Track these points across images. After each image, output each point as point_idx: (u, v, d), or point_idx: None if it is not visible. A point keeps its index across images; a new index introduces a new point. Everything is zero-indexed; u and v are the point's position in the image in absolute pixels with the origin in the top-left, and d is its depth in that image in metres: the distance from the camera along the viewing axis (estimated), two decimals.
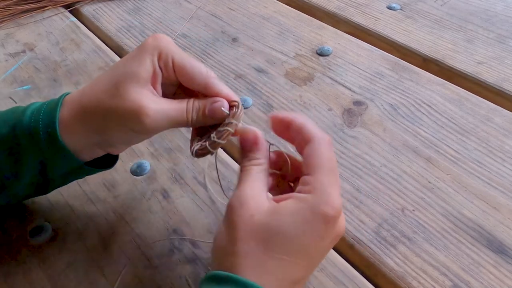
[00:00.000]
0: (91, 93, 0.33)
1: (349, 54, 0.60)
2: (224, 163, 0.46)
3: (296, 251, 0.28)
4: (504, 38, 0.61)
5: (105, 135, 0.34)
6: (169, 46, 0.33)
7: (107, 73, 0.34)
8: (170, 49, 0.33)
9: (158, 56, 0.33)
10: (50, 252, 0.39)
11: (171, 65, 0.33)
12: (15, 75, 0.58)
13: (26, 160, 0.34)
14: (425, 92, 0.53)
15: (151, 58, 0.32)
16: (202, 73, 0.33)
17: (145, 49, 0.33)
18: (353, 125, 0.50)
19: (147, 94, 0.32)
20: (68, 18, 0.69)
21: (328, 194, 0.28)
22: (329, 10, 0.69)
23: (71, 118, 0.33)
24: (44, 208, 0.41)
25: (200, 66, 0.33)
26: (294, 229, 0.28)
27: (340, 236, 0.30)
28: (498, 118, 0.50)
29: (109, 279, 0.37)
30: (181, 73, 0.33)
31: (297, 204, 0.28)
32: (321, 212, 0.28)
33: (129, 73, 0.32)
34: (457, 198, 0.42)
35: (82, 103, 0.33)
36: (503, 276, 0.36)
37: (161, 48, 0.33)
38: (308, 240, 0.28)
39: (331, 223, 0.28)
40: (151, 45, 0.33)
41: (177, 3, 0.72)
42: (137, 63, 0.32)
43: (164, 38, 0.33)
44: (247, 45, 0.62)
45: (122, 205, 0.42)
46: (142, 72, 0.32)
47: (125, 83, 0.32)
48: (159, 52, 0.33)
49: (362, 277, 0.37)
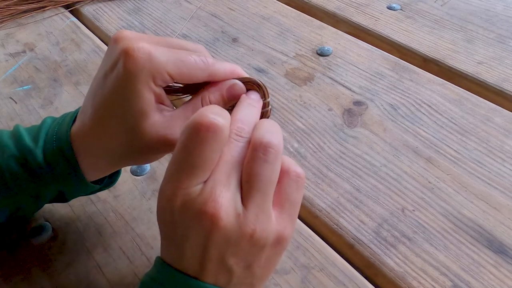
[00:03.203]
0: (100, 133, 0.31)
1: (349, 54, 0.60)
2: None
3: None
4: (504, 38, 0.61)
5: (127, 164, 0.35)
6: (157, 60, 0.29)
7: (106, 109, 0.31)
8: (160, 64, 0.29)
9: (153, 81, 0.29)
10: (50, 252, 0.39)
11: (169, 78, 0.30)
12: (15, 75, 0.58)
13: (45, 195, 0.34)
14: (425, 92, 0.53)
15: (147, 87, 0.29)
16: (201, 68, 0.31)
17: (136, 80, 0.29)
18: (353, 125, 0.50)
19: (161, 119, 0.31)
20: (68, 18, 0.69)
21: None
22: (329, 10, 0.69)
23: (84, 156, 0.32)
24: (44, 208, 0.41)
25: (196, 62, 0.31)
26: None
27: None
28: (498, 118, 0.50)
29: (109, 279, 0.37)
30: (181, 79, 0.31)
31: None
32: None
33: (134, 113, 0.30)
34: (457, 198, 0.42)
35: (93, 146, 0.32)
36: (503, 276, 0.36)
37: (151, 71, 0.29)
38: None
39: None
40: (139, 73, 0.29)
41: (177, 3, 0.72)
42: (137, 100, 0.29)
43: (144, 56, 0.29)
44: (247, 45, 0.62)
45: (122, 205, 0.42)
46: (146, 106, 0.30)
47: (137, 122, 0.30)
48: (152, 77, 0.29)
49: (362, 277, 0.37)
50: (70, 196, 0.36)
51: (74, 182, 0.33)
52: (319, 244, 0.39)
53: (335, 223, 0.41)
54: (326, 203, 0.42)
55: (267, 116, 0.33)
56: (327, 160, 0.46)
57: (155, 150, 0.32)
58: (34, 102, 0.54)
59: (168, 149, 0.32)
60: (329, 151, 0.47)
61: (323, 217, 0.41)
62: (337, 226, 0.40)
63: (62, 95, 0.55)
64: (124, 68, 0.29)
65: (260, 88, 0.32)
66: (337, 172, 0.45)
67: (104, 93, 0.30)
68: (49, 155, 0.32)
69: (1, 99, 0.54)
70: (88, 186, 0.34)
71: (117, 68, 0.29)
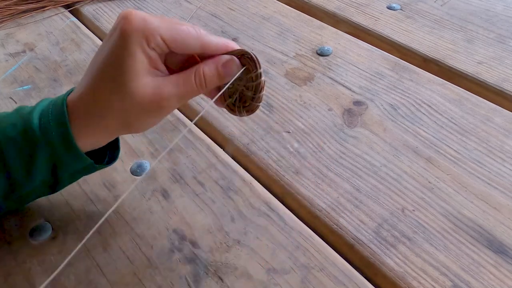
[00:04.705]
0: (93, 97, 0.33)
1: (349, 54, 0.60)
2: (224, 163, 0.46)
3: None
4: (504, 38, 0.61)
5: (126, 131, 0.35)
6: (151, 25, 0.31)
7: (100, 72, 0.32)
8: (154, 28, 0.31)
9: (147, 42, 0.31)
10: (50, 252, 0.39)
11: (163, 42, 0.32)
12: (15, 75, 0.58)
13: (38, 162, 0.34)
14: (425, 92, 0.53)
15: (140, 48, 0.31)
16: (194, 37, 0.32)
17: (130, 39, 0.31)
18: (353, 125, 0.50)
19: (153, 81, 0.32)
20: (68, 18, 0.69)
21: None
22: (329, 10, 0.69)
23: (78, 121, 0.33)
24: (44, 208, 0.41)
25: (189, 30, 0.32)
26: None
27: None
28: (498, 118, 0.50)
29: (109, 279, 0.37)
30: (174, 46, 0.32)
31: None
32: None
33: (126, 72, 0.31)
34: (457, 198, 0.42)
35: (86, 110, 0.33)
36: (503, 276, 0.36)
37: (145, 32, 0.31)
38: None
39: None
40: (134, 33, 0.31)
41: (177, 3, 0.72)
42: (129, 58, 0.31)
43: (139, 19, 0.31)
44: (247, 45, 0.62)
45: (122, 205, 0.42)
46: (138, 66, 0.31)
47: (127, 81, 0.31)
48: (146, 38, 0.31)
49: (362, 277, 0.37)
50: (63, 169, 0.35)
51: (65, 149, 0.33)
52: (319, 244, 0.39)
53: (335, 223, 0.41)
54: (326, 203, 0.42)
55: (261, 87, 0.34)
56: (327, 160, 0.46)
57: (147, 113, 0.33)
58: (34, 102, 0.53)
59: (159, 113, 0.33)
60: (329, 151, 0.47)
61: (323, 217, 0.41)
62: (337, 226, 0.40)
63: None
64: (120, 29, 0.31)
65: (252, 60, 0.33)
66: (337, 172, 0.45)
67: (101, 56, 0.32)
68: (44, 120, 0.33)
69: (1, 99, 0.54)
70: (82, 158, 0.34)
71: (115, 31, 0.32)
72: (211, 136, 0.50)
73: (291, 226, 0.40)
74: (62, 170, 0.35)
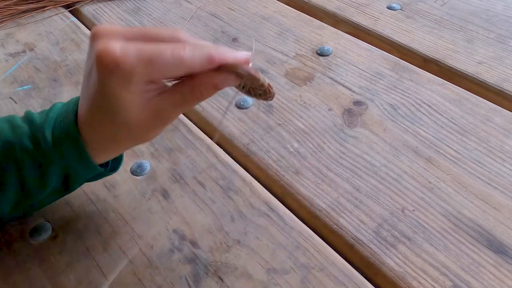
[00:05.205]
0: (96, 128, 0.33)
1: (349, 54, 0.60)
2: (224, 163, 0.46)
3: None
4: (504, 38, 0.61)
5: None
6: (126, 68, 0.29)
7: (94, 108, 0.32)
8: (130, 71, 0.29)
9: (128, 83, 0.29)
10: (50, 252, 0.39)
11: (143, 79, 0.30)
12: (15, 75, 0.58)
13: (51, 173, 0.35)
14: (425, 92, 0.53)
15: (123, 88, 0.29)
16: (174, 65, 0.29)
17: (110, 84, 0.29)
18: (353, 125, 0.50)
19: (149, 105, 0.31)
20: (68, 18, 0.69)
21: None
22: (329, 10, 0.69)
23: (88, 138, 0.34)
24: (44, 208, 0.41)
25: (168, 60, 0.29)
26: None
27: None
28: (498, 118, 0.50)
29: (109, 279, 0.37)
30: (157, 77, 0.30)
31: None
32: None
33: (117, 112, 0.31)
34: (457, 198, 0.42)
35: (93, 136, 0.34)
36: (503, 276, 0.36)
37: (122, 77, 0.29)
38: None
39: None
40: (111, 77, 0.29)
41: (177, 3, 0.72)
42: (116, 99, 0.30)
43: (110, 60, 0.28)
44: (247, 45, 0.62)
45: (122, 205, 0.42)
46: (127, 104, 0.30)
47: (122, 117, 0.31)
48: (126, 80, 0.29)
49: (362, 277, 0.37)
50: (75, 180, 0.36)
51: (77, 158, 0.34)
52: (319, 244, 0.39)
53: (335, 223, 0.41)
54: (326, 203, 0.42)
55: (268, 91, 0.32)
56: (327, 160, 0.46)
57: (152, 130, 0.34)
58: (34, 102, 0.54)
59: (163, 126, 0.34)
60: (329, 151, 0.47)
61: (323, 217, 0.41)
62: (337, 226, 0.40)
63: (62, 95, 0.55)
64: (98, 76, 0.30)
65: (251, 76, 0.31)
66: (337, 172, 0.45)
67: (89, 93, 0.32)
68: (57, 134, 0.34)
69: (1, 99, 0.54)
70: (93, 168, 0.35)
71: (93, 74, 0.30)
72: (211, 136, 0.50)
73: (291, 226, 0.40)
74: (74, 180, 0.36)
